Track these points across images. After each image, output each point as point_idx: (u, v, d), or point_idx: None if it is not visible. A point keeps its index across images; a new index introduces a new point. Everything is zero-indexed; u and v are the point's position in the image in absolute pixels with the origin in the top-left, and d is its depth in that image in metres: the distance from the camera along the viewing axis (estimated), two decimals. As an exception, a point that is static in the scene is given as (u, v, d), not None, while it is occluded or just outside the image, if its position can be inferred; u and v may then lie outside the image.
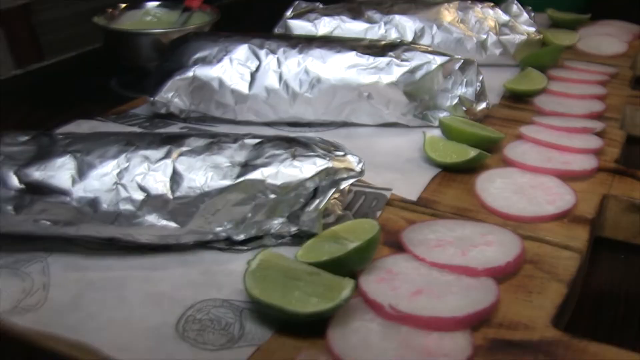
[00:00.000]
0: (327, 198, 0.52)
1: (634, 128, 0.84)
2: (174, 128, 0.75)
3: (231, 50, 0.73)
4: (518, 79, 0.87)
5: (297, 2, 0.97)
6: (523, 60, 0.93)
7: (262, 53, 0.73)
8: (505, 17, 0.95)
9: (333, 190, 0.53)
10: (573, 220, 0.58)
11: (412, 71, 0.72)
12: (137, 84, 0.89)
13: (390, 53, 0.72)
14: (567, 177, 0.64)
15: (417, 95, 0.72)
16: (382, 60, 0.72)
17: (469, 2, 0.97)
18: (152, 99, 0.74)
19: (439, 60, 0.72)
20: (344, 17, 0.93)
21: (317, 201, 0.52)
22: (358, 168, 0.54)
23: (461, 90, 0.74)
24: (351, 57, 0.72)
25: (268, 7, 1.01)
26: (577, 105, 0.81)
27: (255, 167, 0.52)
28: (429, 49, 0.74)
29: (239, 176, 0.51)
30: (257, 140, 0.54)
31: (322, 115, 0.73)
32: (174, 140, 0.53)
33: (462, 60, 0.73)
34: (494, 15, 0.95)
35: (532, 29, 0.96)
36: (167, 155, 0.52)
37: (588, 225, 0.57)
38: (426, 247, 0.52)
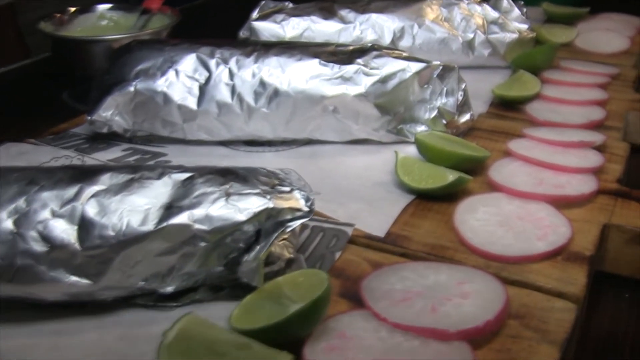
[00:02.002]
0: (270, 243, 0.43)
1: (637, 136, 0.75)
2: (117, 150, 0.66)
3: (177, 60, 0.64)
4: (508, 83, 0.78)
5: (263, 2, 0.88)
6: (514, 61, 0.84)
7: (212, 63, 0.64)
8: (494, 14, 0.86)
9: (277, 233, 0.44)
10: (568, 259, 0.49)
11: (384, 81, 0.62)
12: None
13: (359, 60, 0.63)
14: (561, 203, 0.55)
15: (390, 107, 0.63)
16: (349, 69, 0.62)
17: (454, -2, 0.87)
18: (89, 117, 0.65)
19: (414, 67, 0.63)
20: (314, 18, 0.84)
21: (257, 247, 0.44)
22: (306, 207, 0.45)
23: (441, 101, 0.65)
24: (314, 65, 0.63)
25: (239, 7, 0.92)
26: (574, 113, 0.72)
27: (181, 210, 0.43)
28: (403, 54, 0.65)
29: (160, 221, 0.42)
30: (187, 175, 0.45)
31: (283, 132, 0.65)
32: (86, 177, 0.44)
33: (441, 67, 0.64)
34: (481, 12, 0.86)
35: (524, 26, 0.86)
36: (75, 197, 0.43)
37: (586, 265, 0.48)
38: (389, 302, 0.43)
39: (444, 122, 0.65)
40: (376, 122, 0.64)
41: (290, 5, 0.88)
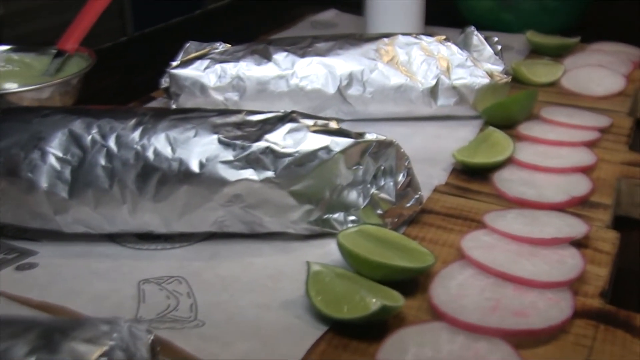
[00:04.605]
0: None
1: (632, 208, 0.61)
2: (-24, 247, 0.53)
3: (45, 137, 0.51)
4: (473, 145, 0.64)
5: (188, 44, 0.74)
6: (485, 112, 0.71)
7: (87, 140, 0.51)
8: (461, 55, 0.72)
9: None
10: None
11: (300, 163, 0.49)
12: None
13: (269, 136, 0.49)
14: (522, 338, 0.41)
15: (311, 195, 0.50)
16: (255, 148, 0.49)
17: (414, 36, 0.73)
18: (-62, 208, 0.52)
19: (338, 144, 0.49)
20: (245, 64, 0.70)
21: None
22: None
23: (375, 186, 0.51)
24: (211, 143, 0.49)
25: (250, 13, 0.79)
26: (552, 184, 0.58)
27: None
28: (330, 125, 0.51)
29: None
30: None
31: (177, 226, 0.51)
32: None
33: (374, 143, 0.50)
34: (446, 53, 0.72)
35: (497, 68, 0.73)
36: None
37: None
38: None
39: (380, 212, 0.51)
40: (293, 213, 0.50)
41: (222, 47, 0.74)
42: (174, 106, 0.72)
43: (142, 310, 0.45)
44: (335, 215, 0.52)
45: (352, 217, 0.51)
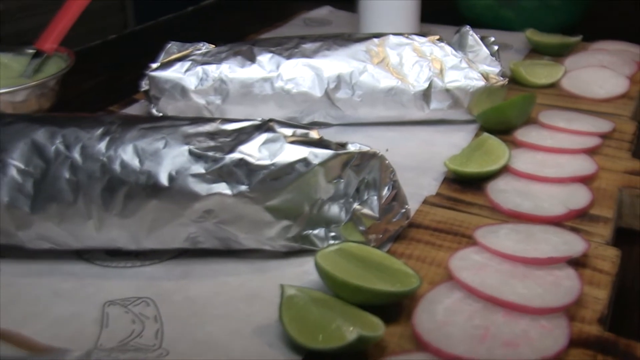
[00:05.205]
0: None
1: (634, 220, 0.58)
2: None
3: (6, 148, 0.48)
4: (467, 152, 0.61)
5: (169, 45, 0.71)
6: (480, 117, 0.67)
7: (51, 150, 0.47)
8: (455, 56, 0.68)
9: None
10: None
11: (276, 176, 0.45)
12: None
13: (243, 147, 0.46)
14: (512, 371, 0.38)
15: (288, 211, 0.47)
16: (228, 161, 0.46)
17: (405, 36, 0.70)
18: None
19: (317, 156, 0.46)
20: (228, 66, 0.67)
21: None
22: None
23: (357, 203, 0.48)
24: (182, 155, 0.46)
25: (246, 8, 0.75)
26: (550, 195, 0.55)
27: None
28: (310, 134, 0.48)
29: None
30: None
31: (147, 243, 0.48)
32: None
33: (356, 155, 0.47)
34: (440, 54, 0.68)
35: (494, 70, 0.69)
36: None
37: None
38: None
39: (362, 228, 0.48)
40: (269, 229, 0.47)
41: (205, 47, 0.71)
42: (154, 110, 0.68)
43: (104, 337, 0.42)
44: (316, 231, 0.48)
45: (333, 234, 0.48)
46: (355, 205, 0.47)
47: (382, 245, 0.49)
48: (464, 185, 0.58)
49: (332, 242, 0.48)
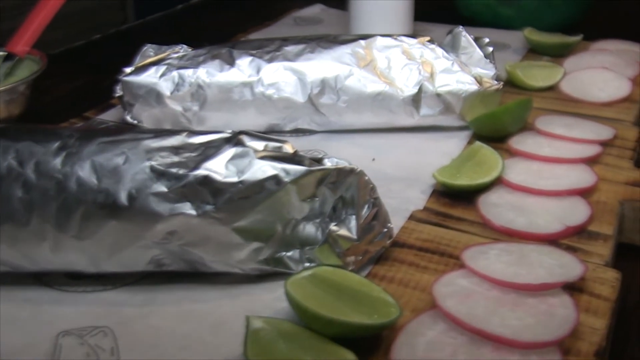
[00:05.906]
0: None
1: (636, 235, 0.54)
2: None
3: (-45, 163, 0.44)
4: (457, 163, 0.57)
5: (145, 48, 0.67)
6: (473, 123, 0.63)
7: (2, 167, 0.44)
8: (447, 59, 0.64)
9: None
10: None
11: (244, 195, 0.42)
12: None
13: (208, 164, 0.42)
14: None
15: (259, 232, 0.43)
16: (192, 178, 0.42)
17: (394, 37, 0.66)
18: None
19: (289, 174, 0.42)
20: (206, 70, 0.63)
21: None
22: None
23: (333, 224, 0.44)
24: (142, 173, 0.42)
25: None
26: (545, 211, 0.51)
27: None
28: (285, 148, 0.44)
29: None
30: None
31: (106, 266, 0.44)
32: None
33: (331, 172, 0.43)
34: (431, 56, 0.65)
35: (488, 73, 0.65)
36: None
37: None
38: None
39: (339, 250, 0.44)
40: (239, 251, 0.43)
41: (182, 50, 0.67)
42: (128, 117, 0.65)
43: (55, 372, 0.38)
44: (290, 253, 0.44)
45: (308, 256, 0.44)
46: (332, 226, 0.44)
47: (363, 267, 0.46)
48: (454, 198, 0.54)
49: (307, 264, 0.44)
